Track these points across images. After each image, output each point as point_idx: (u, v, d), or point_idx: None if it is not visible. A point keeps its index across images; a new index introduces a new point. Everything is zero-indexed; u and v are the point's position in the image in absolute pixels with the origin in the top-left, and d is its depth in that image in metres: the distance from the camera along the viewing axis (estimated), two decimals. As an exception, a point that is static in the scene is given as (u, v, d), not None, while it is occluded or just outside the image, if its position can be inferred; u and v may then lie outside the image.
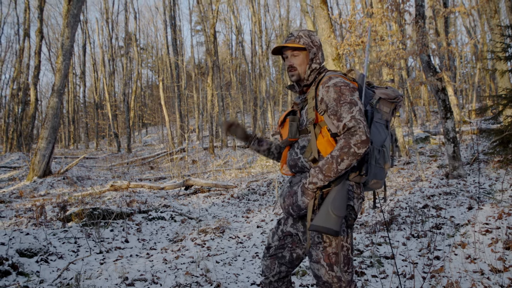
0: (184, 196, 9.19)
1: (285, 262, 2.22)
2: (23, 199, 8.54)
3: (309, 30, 2.18)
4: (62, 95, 11.67)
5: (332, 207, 1.82)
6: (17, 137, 23.67)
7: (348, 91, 1.92)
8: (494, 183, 6.56)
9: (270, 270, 2.24)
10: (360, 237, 4.78)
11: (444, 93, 7.44)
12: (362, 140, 1.78)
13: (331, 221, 1.80)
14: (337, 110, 1.89)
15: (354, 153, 1.78)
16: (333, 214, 1.80)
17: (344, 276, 1.92)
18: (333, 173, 1.83)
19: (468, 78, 29.39)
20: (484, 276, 3.25)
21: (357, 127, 1.80)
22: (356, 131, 1.79)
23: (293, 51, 2.12)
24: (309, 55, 2.11)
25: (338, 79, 1.97)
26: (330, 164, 1.82)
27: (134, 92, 30.92)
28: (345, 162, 1.80)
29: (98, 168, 17.12)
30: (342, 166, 1.81)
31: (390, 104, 2.11)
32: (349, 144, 1.79)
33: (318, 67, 2.13)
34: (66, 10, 11.44)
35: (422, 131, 14.30)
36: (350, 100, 1.89)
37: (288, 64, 2.15)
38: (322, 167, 1.85)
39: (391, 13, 8.28)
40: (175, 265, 4.17)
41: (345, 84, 1.95)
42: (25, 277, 3.62)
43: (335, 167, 1.81)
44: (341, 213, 1.82)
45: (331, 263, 1.91)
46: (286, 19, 34.76)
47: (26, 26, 23.87)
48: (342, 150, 1.80)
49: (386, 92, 2.08)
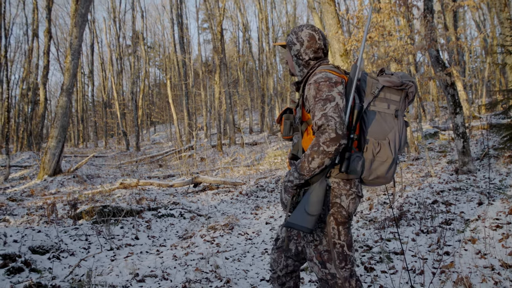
0: (193, 193, 9.23)
1: (291, 255, 2.23)
2: (34, 197, 8.63)
3: (302, 25, 2.14)
4: (71, 94, 11.76)
5: (306, 205, 1.84)
6: (27, 136, 23.89)
7: (327, 86, 1.87)
8: (504, 178, 6.50)
9: (277, 264, 2.26)
10: (369, 233, 4.77)
11: (453, 88, 7.38)
12: (331, 138, 1.74)
13: (305, 219, 1.83)
14: (313, 107, 1.87)
15: (324, 151, 1.76)
16: (306, 213, 1.83)
17: (340, 272, 1.93)
18: (306, 172, 1.83)
19: (477, 72, 29.11)
20: (494, 271, 3.23)
21: (326, 124, 1.76)
22: (325, 129, 1.76)
23: (283, 48, 2.21)
24: (291, 52, 2.13)
25: (320, 75, 1.93)
26: (303, 163, 1.83)
27: (142, 91, 31.04)
28: (316, 161, 1.78)
29: (107, 166, 17.24)
30: (313, 164, 1.79)
31: (399, 92, 1.97)
32: (319, 143, 1.76)
33: (304, 63, 2.10)
34: (74, 10, 11.52)
35: (431, 127, 14.21)
36: (326, 96, 1.85)
37: None
38: (297, 165, 1.87)
39: (399, 8, 8.22)
40: (185, 261, 4.20)
41: (326, 79, 1.90)
42: (37, 274, 3.67)
43: (307, 166, 1.81)
44: (314, 212, 1.84)
45: (323, 261, 1.94)
46: (293, 16, 34.67)
47: (34, 26, 24.05)
48: (312, 149, 1.79)
49: (390, 80, 1.95)
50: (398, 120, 1.95)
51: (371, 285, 3.25)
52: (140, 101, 31.11)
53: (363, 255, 3.98)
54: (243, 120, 40.64)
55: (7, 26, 23.49)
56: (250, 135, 29.18)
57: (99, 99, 42.98)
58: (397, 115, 1.95)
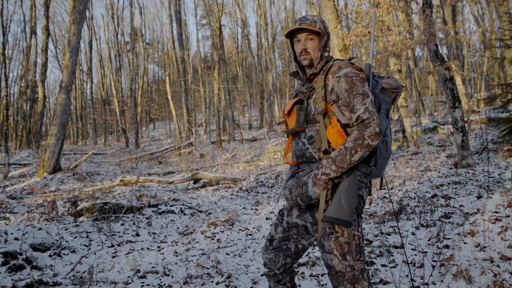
0: (193, 189, 9.25)
1: (290, 254, 2.23)
2: (34, 195, 8.65)
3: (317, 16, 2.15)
4: (70, 92, 11.74)
5: (345, 198, 1.84)
6: (26, 134, 23.90)
7: (359, 82, 1.92)
8: (503, 171, 6.52)
9: (274, 263, 2.24)
10: (369, 227, 4.79)
11: (452, 82, 7.39)
12: (376, 132, 1.80)
13: (344, 212, 1.82)
14: (350, 101, 1.89)
15: (368, 145, 1.80)
16: (345, 205, 1.83)
17: (357, 264, 1.93)
18: (347, 164, 1.84)
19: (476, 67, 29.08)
20: (493, 263, 3.25)
21: (371, 119, 1.82)
22: (370, 123, 1.81)
23: (309, 34, 2.07)
24: (322, 42, 2.08)
25: (348, 69, 1.96)
26: (343, 156, 1.83)
27: (141, 88, 30.98)
28: (358, 154, 1.81)
29: (107, 163, 17.25)
30: (355, 157, 1.82)
31: (392, 94, 2.14)
32: (363, 136, 1.80)
33: (327, 55, 2.11)
34: (72, 7, 11.49)
35: (430, 121, 14.23)
36: (362, 91, 1.90)
37: (301, 48, 2.08)
38: (335, 158, 1.86)
39: (397, 3, 8.21)
40: (186, 257, 4.22)
41: (356, 75, 1.94)
42: (39, 271, 3.69)
43: (349, 159, 1.82)
44: (353, 204, 1.84)
45: (343, 253, 1.92)
46: (292, 11, 34.59)
47: (32, 23, 24.00)
48: (356, 142, 1.81)
49: (389, 82, 2.10)
50: (388, 119, 2.10)
51: (371, 279, 3.27)
52: (139, 98, 31.07)
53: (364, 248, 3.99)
54: (242, 116, 40.62)
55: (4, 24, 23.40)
56: (249, 131, 29.17)
57: (98, 96, 42.93)
58: (388, 115, 2.10)
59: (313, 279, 3.42)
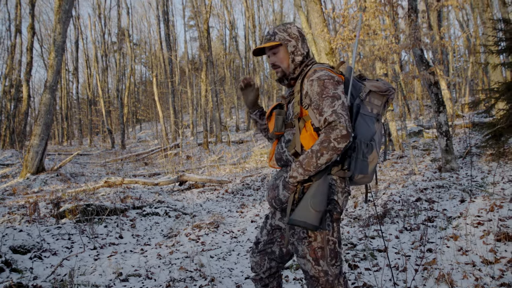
0: (178, 191, 9.18)
1: (275, 258, 2.21)
2: (16, 196, 8.49)
3: (285, 23, 2.15)
4: (55, 92, 11.59)
5: (312, 202, 1.81)
6: (10, 134, 23.51)
7: (332, 84, 1.90)
8: (486, 176, 6.61)
9: (260, 267, 2.23)
10: (354, 230, 4.80)
11: (437, 87, 7.47)
12: (342, 135, 1.77)
13: (310, 216, 1.80)
14: (319, 104, 1.88)
15: (334, 147, 1.77)
16: (312, 209, 1.80)
17: (331, 269, 1.93)
18: (313, 167, 1.82)
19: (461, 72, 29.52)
20: (475, 267, 3.28)
21: (338, 121, 1.79)
22: (336, 126, 1.78)
23: (271, 49, 2.11)
24: (288, 49, 2.08)
25: (322, 72, 1.95)
26: (310, 158, 1.82)
27: (127, 88, 30.74)
28: (324, 157, 1.79)
29: (92, 164, 17.05)
30: (321, 160, 1.80)
31: (382, 97, 2.08)
32: (329, 139, 1.78)
33: (301, 59, 2.10)
34: (57, 6, 11.34)
35: (416, 125, 14.36)
36: (332, 94, 1.87)
37: (270, 63, 2.13)
38: (302, 161, 1.85)
39: (384, 7, 8.29)
40: (169, 260, 4.17)
41: (329, 77, 1.92)
42: (18, 274, 3.61)
43: (315, 162, 1.81)
44: (320, 208, 1.81)
45: (317, 258, 1.92)
46: (280, 14, 34.71)
47: (17, 22, 23.62)
48: (322, 145, 1.79)
49: (377, 85, 2.06)
50: (379, 123, 2.06)
51: (355, 282, 3.28)
52: (126, 99, 30.83)
53: (347, 253, 4.00)
54: (229, 118, 40.55)
55: (-12, 22, 22.99)
56: (236, 133, 29.13)
57: (84, 96, 42.50)
58: (378, 119, 2.06)
59: (297, 282, 3.42)
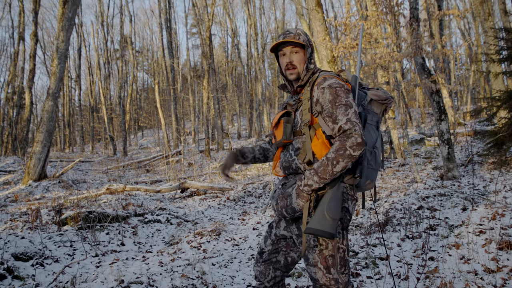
0: (180, 199, 9.18)
1: (280, 267, 2.20)
2: (18, 203, 8.51)
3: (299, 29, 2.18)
4: (57, 99, 11.64)
5: (328, 209, 1.81)
6: (12, 141, 23.57)
7: (343, 92, 1.92)
8: (488, 184, 6.60)
9: (264, 276, 2.22)
10: (356, 238, 4.80)
11: (438, 95, 7.49)
12: (357, 143, 1.79)
13: (327, 224, 1.79)
14: (333, 112, 1.89)
15: (350, 155, 1.79)
16: (328, 217, 1.80)
17: (341, 277, 1.92)
18: (329, 175, 1.83)
19: (462, 80, 29.54)
20: (477, 276, 3.28)
21: (353, 129, 1.81)
22: (351, 134, 1.80)
23: (293, 47, 2.08)
24: (306, 54, 2.09)
25: (333, 80, 1.97)
26: (325, 166, 1.82)
27: (129, 95, 30.86)
28: (340, 164, 1.80)
29: (93, 171, 17.07)
30: (337, 168, 1.81)
31: (381, 106, 2.12)
32: (345, 146, 1.79)
33: (313, 67, 2.11)
34: (61, 13, 11.43)
35: (417, 133, 14.36)
36: (345, 102, 1.89)
37: (287, 61, 2.09)
38: (318, 169, 1.85)
39: (385, 16, 8.34)
40: (171, 267, 4.17)
41: (340, 86, 1.94)
42: (20, 281, 3.61)
43: (331, 169, 1.81)
44: (336, 216, 1.81)
45: (328, 266, 1.91)
46: (282, 22, 34.86)
47: (20, 29, 23.79)
48: (337, 152, 1.80)
49: (378, 94, 2.09)
50: (378, 131, 2.09)
51: (356, 291, 3.27)
52: (128, 106, 30.93)
53: (350, 261, 3.99)
54: (231, 125, 40.63)
55: (-8, 29, 23.18)
56: (238, 140, 29.16)
57: (86, 103, 42.64)
58: (378, 127, 2.09)
59: (298, 290, 3.41)
